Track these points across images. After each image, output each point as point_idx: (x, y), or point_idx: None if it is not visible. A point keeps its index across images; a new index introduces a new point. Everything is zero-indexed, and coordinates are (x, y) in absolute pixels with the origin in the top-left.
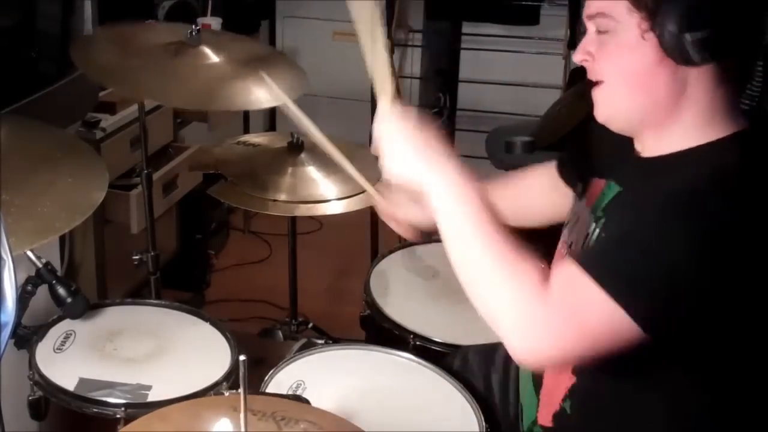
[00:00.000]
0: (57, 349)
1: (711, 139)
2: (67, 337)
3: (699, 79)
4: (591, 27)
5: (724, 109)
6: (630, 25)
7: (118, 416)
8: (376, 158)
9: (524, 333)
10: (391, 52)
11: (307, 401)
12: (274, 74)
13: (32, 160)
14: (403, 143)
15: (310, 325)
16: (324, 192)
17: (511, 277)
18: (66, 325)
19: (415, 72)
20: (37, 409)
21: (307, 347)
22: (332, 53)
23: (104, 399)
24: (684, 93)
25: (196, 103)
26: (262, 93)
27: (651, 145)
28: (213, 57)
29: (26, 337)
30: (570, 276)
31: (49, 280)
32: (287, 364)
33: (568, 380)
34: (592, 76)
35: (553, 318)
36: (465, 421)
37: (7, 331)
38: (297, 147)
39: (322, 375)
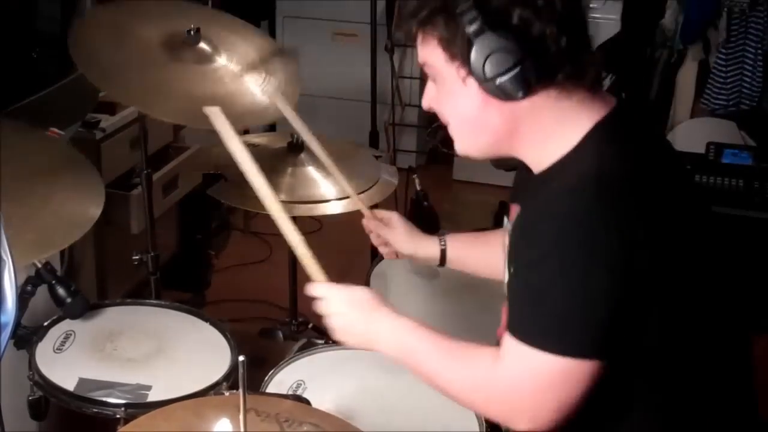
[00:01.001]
0: (57, 349)
1: (571, 146)
2: (67, 338)
3: (534, 105)
4: (429, 76)
5: (576, 111)
6: (450, 73)
7: (117, 416)
8: (376, 157)
9: (500, 414)
10: (392, 52)
11: (307, 401)
12: (272, 74)
13: (29, 171)
14: (341, 317)
15: (310, 325)
16: (324, 192)
17: (468, 374)
18: (66, 325)
19: (415, 72)
20: (37, 409)
21: (308, 347)
22: (332, 53)
23: (104, 399)
24: (524, 120)
25: (194, 121)
26: (261, 108)
27: (536, 163)
28: (212, 59)
29: (26, 337)
30: (513, 350)
31: (49, 280)
32: (287, 364)
33: None
34: (441, 120)
35: (517, 392)
36: (465, 421)
37: (7, 331)
38: (297, 147)
39: (323, 375)
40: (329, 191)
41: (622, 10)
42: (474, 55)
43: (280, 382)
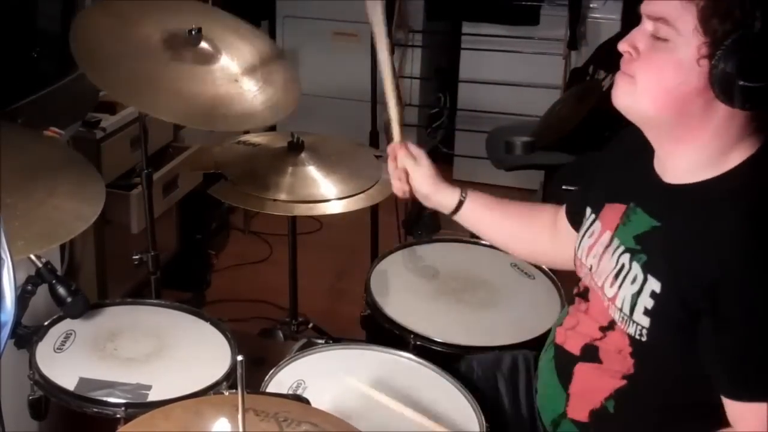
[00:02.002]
0: (57, 348)
1: (731, 167)
2: (67, 337)
3: (730, 117)
4: (648, 26)
5: (747, 136)
6: (690, 44)
7: (118, 416)
8: (376, 157)
9: None
10: (392, 52)
11: (307, 401)
12: (271, 76)
13: (30, 167)
14: None
15: (311, 325)
16: (324, 192)
17: None
18: (66, 324)
19: (415, 72)
20: (37, 408)
21: (308, 347)
22: (332, 53)
23: (104, 399)
24: (710, 124)
25: (196, 122)
26: (260, 113)
27: (673, 170)
28: (213, 59)
29: (26, 336)
30: (750, 413)
31: (49, 279)
32: (287, 364)
33: (615, 382)
34: (625, 68)
35: None
36: (465, 420)
37: (7, 330)
38: (297, 147)
39: (323, 375)
40: (329, 191)
41: (622, 10)
42: (734, 49)
43: (280, 382)
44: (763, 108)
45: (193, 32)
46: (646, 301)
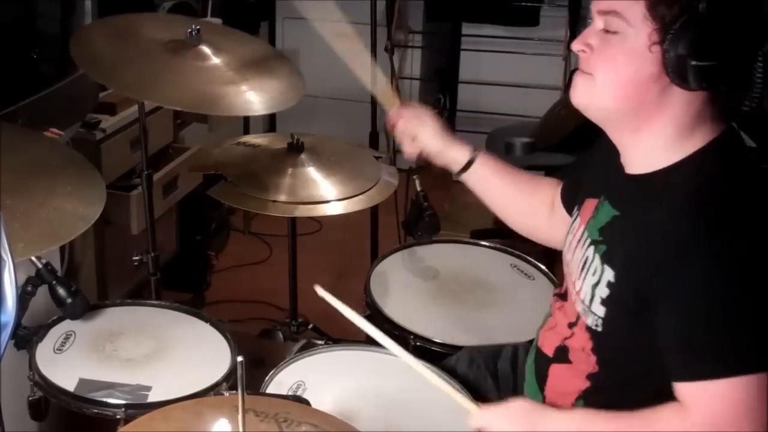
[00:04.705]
0: (57, 349)
1: (690, 152)
2: (67, 338)
3: (686, 100)
4: (599, 22)
5: (704, 122)
6: (641, 32)
7: (118, 417)
8: (376, 158)
9: None
10: (391, 52)
11: (307, 402)
12: (273, 76)
13: (30, 168)
14: None
15: (310, 325)
16: (324, 193)
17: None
18: (66, 325)
19: (415, 73)
20: (37, 409)
21: (307, 348)
22: (332, 53)
23: (104, 400)
24: (667, 111)
25: (196, 106)
26: (261, 99)
27: (635, 161)
28: (213, 58)
29: (26, 337)
30: (698, 392)
31: (49, 280)
32: (287, 365)
33: (582, 383)
34: (583, 66)
35: (711, 427)
36: (465, 420)
37: (7, 331)
38: (297, 148)
39: (322, 376)
40: (329, 192)
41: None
42: (682, 32)
43: (280, 382)
44: (716, 87)
45: (193, 33)
46: (602, 291)
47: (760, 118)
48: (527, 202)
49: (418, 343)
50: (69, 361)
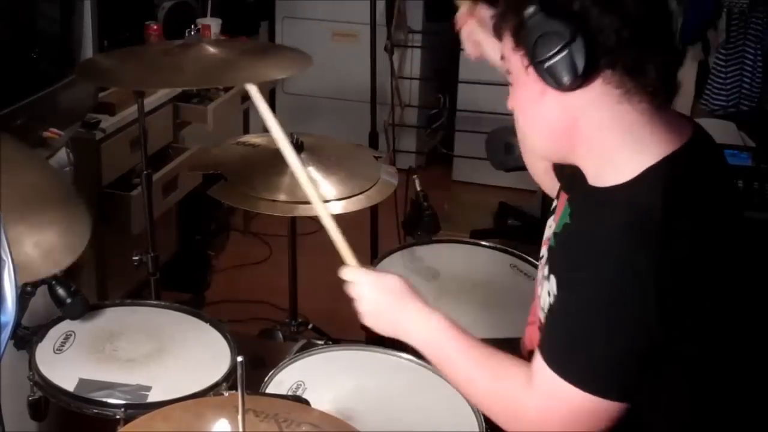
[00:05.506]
0: (57, 349)
1: (639, 171)
2: (66, 338)
3: (592, 103)
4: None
5: (650, 123)
6: (516, 62)
7: (117, 417)
8: (376, 158)
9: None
10: (391, 52)
11: (307, 402)
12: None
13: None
14: (371, 303)
15: (310, 325)
16: (324, 192)
17: (496, 388)
18: (66, 325)
19: (415, 73)
20: (37, 409)
21: (307, 348)
22: (332, 53)
23: (104, 400)
24: (583, 115)
25: (194, 83)
26: (261, 69)
27: (593, 174)
28: (212, 49)
29: (26, 337)
30: (547, 380)
31: (49, 280)
32: (287, 365)
33: None
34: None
35: (546, 422)
36: (465, 421)
37: (7, 331)
38: (297, 148)
39: (322, 376)
40: (329, 192)
41: None
42: (528, 38)
43: (280, 382)
44: (589, 74)
45: (192, 33)
46: (548, 300)
47: (760, 118)
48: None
49: None
50: (69, 361)
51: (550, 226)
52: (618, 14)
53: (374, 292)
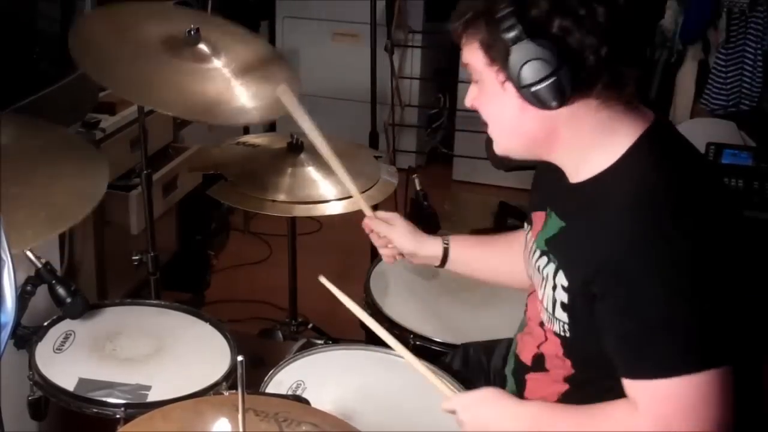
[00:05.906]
0: (57, 349)
1: (621, 153)
2: (66, 338)
3: (573, 114)
4: (473, 77)
5: (621, 120)
6: (490, 76)
7: (117, 416)
8: (376, 158)
9: None
10: (391, 52)
11: (306, 401)
12: (269, 74)
13: (33, 155)
14: (477, 420)
15: (310, 325)
16: (324, 192)
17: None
18: (66, 325)
19: (415, 73)
20: (36, 409)
21: (307, 347)
22: (332, 53)
23: (104, 399)
24: (563, 128)
25: (196, 114)
26: (256, 107)
27: (571, 172)
28: (211, 58)
29: (26, 337)
30: (646, 391)
31: (49, 280)
32: (287, 365)
33: (560, 386)
34: (483, 122)
35: (667, 428)
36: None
37: (7, 331)
38: (297, 147)
39: (322, 375)
40: (329, 191)
41: None
42: (511, 62)
43: (280, 382)
44: (578, 93)
45: (192, 32)
46: (561, 297)
47: (761, 118)
48: (507, 260)
49: (417, 342)
50: (68, 361)
51: (529, 247)
52: (596, 33)
53: (473, 412)
